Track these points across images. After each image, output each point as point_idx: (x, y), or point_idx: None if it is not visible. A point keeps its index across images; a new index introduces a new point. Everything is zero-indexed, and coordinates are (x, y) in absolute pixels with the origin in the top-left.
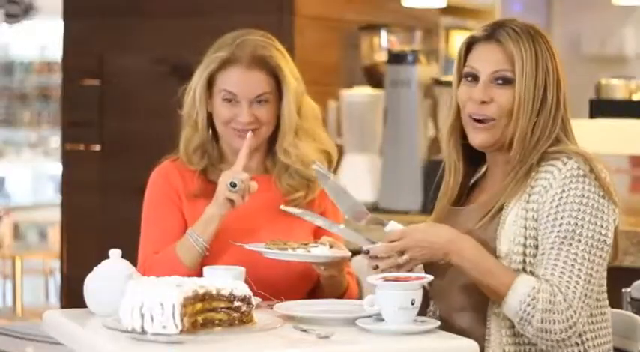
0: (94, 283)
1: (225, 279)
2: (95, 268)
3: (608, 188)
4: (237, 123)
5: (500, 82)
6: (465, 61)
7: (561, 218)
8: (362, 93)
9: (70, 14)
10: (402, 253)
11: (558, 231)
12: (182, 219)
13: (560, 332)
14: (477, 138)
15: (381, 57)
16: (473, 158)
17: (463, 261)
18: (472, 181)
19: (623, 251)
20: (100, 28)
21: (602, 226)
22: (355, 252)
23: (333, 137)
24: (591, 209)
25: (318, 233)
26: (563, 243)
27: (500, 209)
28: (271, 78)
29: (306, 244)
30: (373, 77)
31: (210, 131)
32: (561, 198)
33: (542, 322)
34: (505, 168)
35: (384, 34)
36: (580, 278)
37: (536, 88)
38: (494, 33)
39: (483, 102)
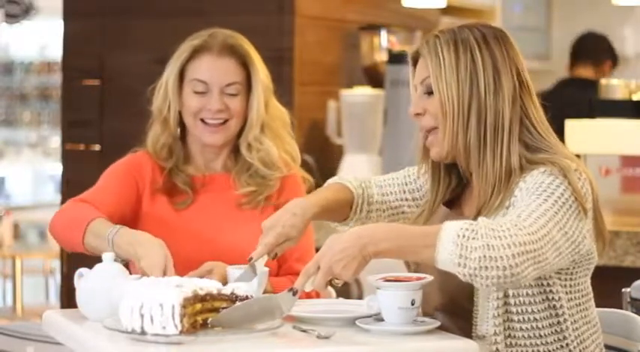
0: (86, 285)
1: (251, 279)
2: (86, 273)
3: (580, 197)
4: (208, 112)
5: (428, 92)
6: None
7: (529, 197)
8: (362, 93)
9: (70, 14)
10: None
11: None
12: (132, 197)
13: (508, 258)
14: (431, 151)
15: (381, 57)
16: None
17: (381, 244)
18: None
19: (624, 251)
20: (100, 28)
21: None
22: None
23: (333, 137)
24: (558, 198)
25: None
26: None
27: None
28: (242, 68)
29: None
30: (373, 77)
31: (179, 131)
32: (530, 189)
33: (484, 248)
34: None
35: (384, 34)
36: (540, 218)
37: (460, 93)
38: (421, 48)
39: (418, 115)
